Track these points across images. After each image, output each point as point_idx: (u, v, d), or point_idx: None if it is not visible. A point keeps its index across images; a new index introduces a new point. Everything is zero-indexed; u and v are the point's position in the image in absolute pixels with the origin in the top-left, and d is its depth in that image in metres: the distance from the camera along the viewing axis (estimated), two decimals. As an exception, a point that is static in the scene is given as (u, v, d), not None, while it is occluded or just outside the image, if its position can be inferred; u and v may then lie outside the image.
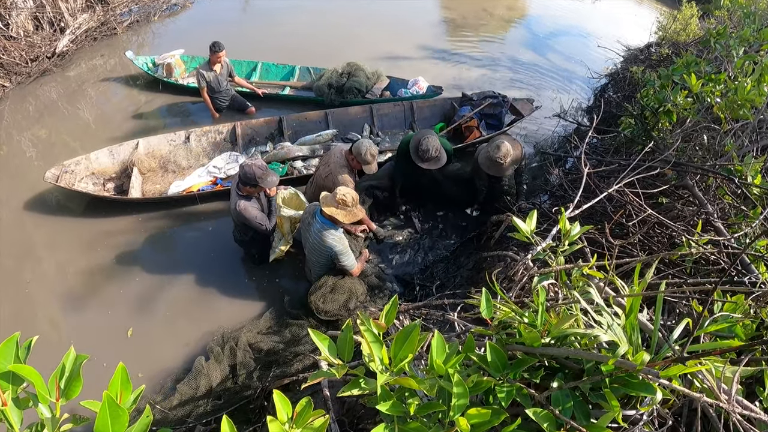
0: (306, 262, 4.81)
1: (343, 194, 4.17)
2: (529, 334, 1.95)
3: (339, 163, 5.03)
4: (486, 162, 5.20)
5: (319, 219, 4.28)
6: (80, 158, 6.19)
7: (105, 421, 1.29)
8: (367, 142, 4.98)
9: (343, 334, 1.96)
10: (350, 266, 4.42)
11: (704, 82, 4.58)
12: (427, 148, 5.13)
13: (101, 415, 1.29)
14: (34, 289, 5.10)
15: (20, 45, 8.90)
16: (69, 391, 1.46)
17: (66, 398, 1.45)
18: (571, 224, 2.77)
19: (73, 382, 1.47)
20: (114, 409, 1.30)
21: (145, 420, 1.45)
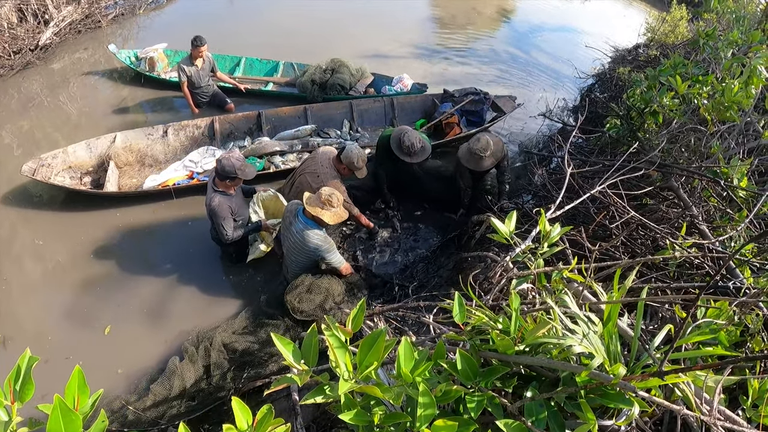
0: (284, 260, 4.71)
1: (328, 195, 4.10)
2: (502, 342, 1.86)
3: (329, 174, 4.89)
4: (466, 155, 5.15)
5: (302, 219, 4.19)
6: (57, 152, 6.07)
7: (57, 426, 1.26)
8: (356, 149, 4.88)
9: (308, 339, 1.86)
10: (338, 263, 4.35)
11: (691, 83, 4.53)
12: (411, 142, 5.10)
13: (53, 418, 1.26)
14: (9, 286, 4.99)
15: (3, 37, 8.76)
16: (23, 394, 1.45)
17: (21, 401, 1.44)
18: (552, 225, 2.69)
19: (26, 385, 1.45)
20: (66, 413, 1.27)
21: (100, 425, 1.43)
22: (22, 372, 1.45)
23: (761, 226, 3.44)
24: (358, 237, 5.58)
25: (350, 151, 4.85)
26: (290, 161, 6.65)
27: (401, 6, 13.07)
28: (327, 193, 4.10)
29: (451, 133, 7.10)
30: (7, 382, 1.43)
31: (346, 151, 4.85)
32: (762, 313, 2.39)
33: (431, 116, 7.62)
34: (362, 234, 5.60)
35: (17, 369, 1.45)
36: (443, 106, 7.53)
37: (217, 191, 4.52)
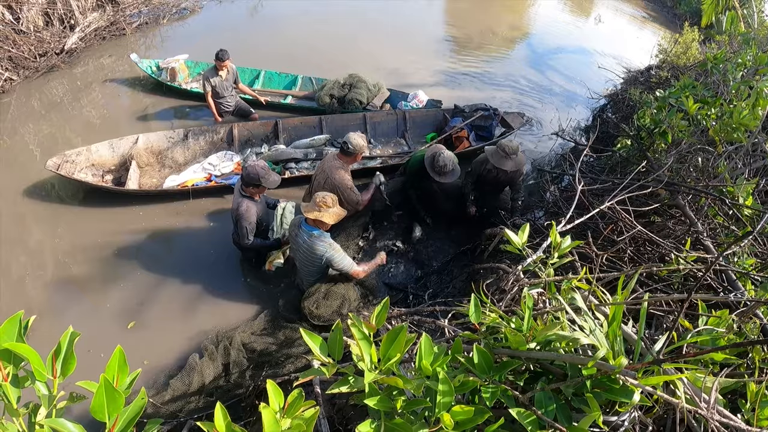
0: (297, 273, 4.86)
1: (322, 197, 4.24)
2: (514, 338, 2.01)
3: (334, 165, 5.11)
4: (492, 151, 5.37)
5: (305, 228, 4.32)
6: (81, 149, 6.36)
7: (101, 402, 1.35)
8: (352, 133, 5.10)
9: (333, 335, 2.01)
10: (348, 267, 4.39)
11: (700, 105, 4.67)
12: (444, 163, 5.28)
13: (98, 396, 1.35)
14: (33, 280, 5.15)
15: (30, 40, 9.05)
16: (65, 369, 1.50)
17: (63, 376, 1.50)
18: (563, 238, 2.84)
19: (68, 360, 1.51)
20: (110, 391, 1.36)
21: (139, 402, 1.49)
22: (64, 348, 1.52)
23: (764, 243, 3.56)
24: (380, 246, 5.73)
25: (348, 137, 5.06)
26: (304, 168, 6.88)
27: (418, 26, 13.36)
28: (321, 197, 4.24)
29: (461, 147, 7.28)
30: (50, 357, 1.49)
31: (347, 140, 5.05)
32: (760, 323, 2.52)
33: (442, 130, 7.81)
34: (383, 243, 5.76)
35: (59, 346, 1.51)
36: (453, 121, 7.73)
37: (245, 196, 4.73)
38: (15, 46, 8.71)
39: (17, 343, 1.40)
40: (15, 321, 1.46)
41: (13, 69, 8.46)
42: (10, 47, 8.63)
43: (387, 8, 14.67)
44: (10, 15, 9.13)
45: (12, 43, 8.73)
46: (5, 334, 1.44)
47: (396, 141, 7.93)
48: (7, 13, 9.09)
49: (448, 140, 7.45)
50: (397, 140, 7.95)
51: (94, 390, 1.41)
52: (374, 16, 13.55)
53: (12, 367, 1.45)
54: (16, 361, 1.47)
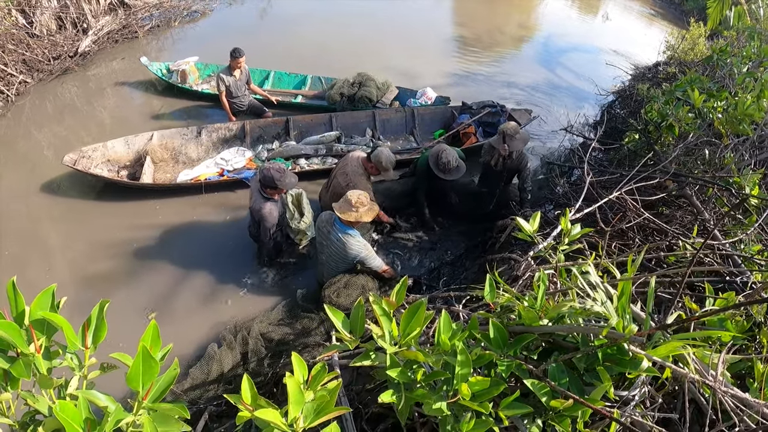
0: (318, 266, 4.93)
1: (357, 197, 4.30)
2: (528, 314, 2.10)
3: (357, 172, 5.23)
4: (498, 140, 5.49)
5: (339, 227, 4.39)
6: (97, 145, 6.53)
7: (137, 371, 1.43)
8: (386, 151, 5.21)
9: (355, 311, 2.11)
10: (378, 267, 4.53)
11: (706, 98, 4.74)
12: (447, 160, 5.37)
13: (135, 363, 1.43)
14: (52, 275, 5.27)
15: (43, 43, 9.20)
16: (96, 337, 1.60)
17: (94, 344, 1.59)
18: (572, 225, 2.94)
19: (100, 328, 1.61)
20: (147, 359, 1.45)
21: (172, 372, 1.58)
22: (94, 320, 1.60)
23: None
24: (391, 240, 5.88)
25: (380, 152, 5.17)
26: (315, 164, 7.03)
27: (426, 25, 13.43)
28: (356, 196, 4.30)
29: (468, 143, 7.39)
30: (81, 328, 1.57)
31: (376, 152, 5.17)
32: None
33: (450, 127, 7.91)
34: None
35: (90, 318, 1.60)
36: (461, 117, 7.84)
37: (266, 197, 4.84)
38: (29, 50, 8.86)
39: (52, 313, 1.48)
40: (48, 293, 1.55)
41: (27, 72, 8.61)
42: (24, 50, 8.78)
43: (395, 8, 14.78)
44: (23, 19, 9.28)
45: (26, 46, 8.88)
46: (39, 306, 1.52)
47: (405, 137, 8.04)
48: (20, 17, 9.24)
49: (455, 136, 7.56)
50: (405, 137, 8.06)
51: (127, 362, 1.52)
52: (382, 15, 13.66)
53: (45, 338, 1.52)
54: (48, 332, 1.54)
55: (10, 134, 7.42)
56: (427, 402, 1.87)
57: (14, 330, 1.42)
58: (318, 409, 1.68)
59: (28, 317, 1.49)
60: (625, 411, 2.03)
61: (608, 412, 1.86)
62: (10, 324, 1.42)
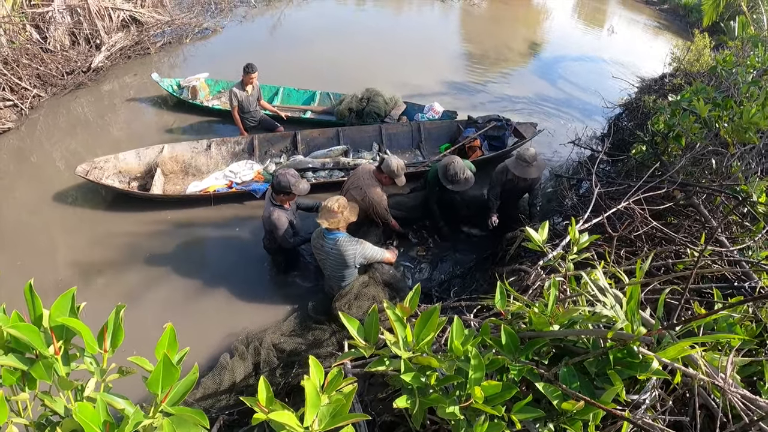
0: (326, 281, 4.98)
1: (336, 202, 4.40)
2: (538, 320, 2.14)
3: (370, 184, 5.30)
4: (514, 162, 5.50)
5: (327, 236, 4.48)
6: (109, 157, 6.68)
7: (158, 375, 1.48)
8: (395, 159, 5.30)
9: (369, 319, 2.15)
10: (380, 255, 4.60)
11: (712, 107, 4.79)
12: (455, 171, 5.42)
13: (156, 369, 1.48)
14: (65, 284, 5.29)
15: (57, 58, 9.39)
16: (114, 341, 1.63)
17: (113, 348, 1.62)
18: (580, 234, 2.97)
19: (117, 332, 1.64)
20: (168, 365, 1.49)
21: (191, 377, 1.61)
22: (112, 325, 1.63)
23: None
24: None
25: (389, 160, 5.25)
26: (321, 177, 7.12)
27: (434, 42, 13.64)
28: (335, 203, 4.39)
29: (473, 156, 7.43)
30: (100, 331, 1.60)
31: (385, 162, 5.25)
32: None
33: (455, 141, 7.97)
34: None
35: (107, 322, 1.62)
36: (467, 132, 7.90)
37: (276, 205, 4.91)
38: (43, 64, 9.04)
39: (71, 318, 1.51)
40: (68, 297, 1.58)
41: (41, 86, 8.77)
42: (39, 65, 8.96)
43: (402, 25, 15.02)
44: (37, 34, 9.49)
45: (40, 61, 9.06)
46: (58, 310, 1.55)
47: (411, 152, 8.12)
48: (34, 32, 9.45)
49: (461, 150, 7.61)
50: (412, 151, 8.14)
51: (144, 366, 1.57)
52: (389, 32, 13.86)
53: (63, 341, 1.56)
54: (67, 336, 1.57)
55: (24, 146, 7.56)
56: (441, 406, 1.91)
57: (34, 332, 1.46)
58: (334, 413, 1.71)
59: (47, 321, 1.53)
60: (636, 414, 2.06)
61: (620, 413, 1.89)
62: (29, 326, 1.45)
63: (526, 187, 5.77)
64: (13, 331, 1.43)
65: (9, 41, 8.74)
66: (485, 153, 7.63)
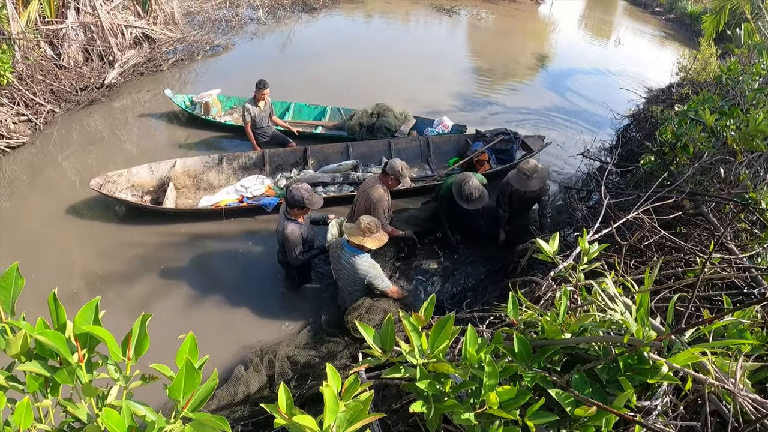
0: (339, 293, 5.05)
1: (367, 223, 4.45)
2: (550, 327, 2.19)
3: (373, 185, 5.38)
4: (514, 176, 5.57)
5: (347, 249, 4.56)
6: (122, 171, 6.80)
7: (180, 381, 1.52)
8: (398, 160, 5.38)
9: (385, 327, 2.21)
10: (386, 287, 4.63)
11: (718, 116, 4.82)
12: (470, 191, 5.49)
13: (179, 375, 1.52)
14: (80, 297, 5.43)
15: (71, 74, 9.59)
16: (139, 350, 1.66)
17: (137, 356, 1.65)
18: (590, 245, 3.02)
19: (142, 341, 1.66)
20: (190, 371, 1.54)
21: (211, 383, 1.65)
22: (136, 333, 1.64)
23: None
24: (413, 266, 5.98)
25: (392, 162, 5.34)
26: (332, 192, 7.18)
27: (442, 57, 13.81)
28: (366, 222, 4.44)
29: (482, 170, 7.46)
30: (124, 340, 1.62)
31: (390, 163, 5.34)
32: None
33: (464, 154, 8.03)
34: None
35: (131, 331, 1.63)
36: (475, 145, 7.96)
37: (290, 219, 4.96)
38: (57, 80, 9.22)
39: (96, 327, 1.55)
40: (92, 307, 1.62)
41: (55, 102, 8.94)
42: (53, 81, 9.13)
43: (410, 39, 15.18)
44: (51, 51, 9.67)
45: (54, 77, 9.23)
46: (82, 319, 1.60)
47: (420, 166, 8.20)
48: (48, 48, 9.62)
49: (469, 164, 7.67)
50: (421, 165, 8.22)
51: (167, 373, 1.61)
52: (398, 47, 14.01)
53: (87, 349, 1.60)
54: (91, 344, 1.61)
55: (38, 161, 7.68)
56: (457, 412, 1.96)
57: (60, 339, 1.50)
58: (351, 418, 1.76)
59: (71, 329, 1.57)
60: (648, 420, 2.09)
61: (632, 417, 1.93)
62: (56, 333, 1.50)
63: (535, 197, 5.82)
64: (40, 338, 1.47)
65: (24, 57, 8.89)
66: (493, 166, 7.68)
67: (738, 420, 2.06)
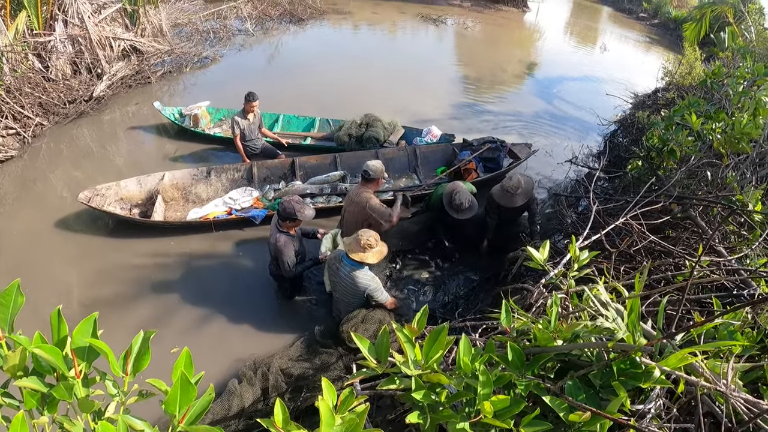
0: (334, 303, 5.06)
1: (367, 238, 4.48)
2: (543, 335, 2.20)
3: (360, 192, 5.45)
4: (499, 192, 5.61)
5: (347, 263, 4.57)
6: (111, 184, 6.75)
7: (175, 396, 1.51)
8: (371, 162, 5.48)
9: (380, 339, 2.21)
10: (385, 300, 4.70)
11: (704, 120, 4.89)
12: (461, 201, 5.53)
13: (174, 389, 1.51)
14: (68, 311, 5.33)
15: (59, 87, 9.52)
16: (138, 365, 1.65)
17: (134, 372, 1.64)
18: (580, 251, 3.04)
19: (143, 356, 1.66)
20: (186, 385, 1.52)
21: (207, 398, 1.65)
22: (135, 348, 1.64)
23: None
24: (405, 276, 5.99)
25: (372, 165, 5.42)
26: (320, 203, 7.17)
27: (430, 66, 13.88)
28: (365, 238, 4.48)
29: (469, 178, 7.47)
30: (123, 355, 1.62)
31: (371, 168, 5.41)
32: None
33: (451, 163, 8.06)
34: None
35: (131, 346, 1.64)
36: (462, 154, 7.97)
37: (282, 232, 4.98)
38: (45, 93, 9.15)
39: (97, 340, 1.55)
40: (90, 321, 1.61)
41: (43, 114, 8.87)
42: (41, 93, 9.07)
43: (397, 48, 15.26)
44: (39, 63, 9.61)
45: (42, 89, 9.17)
46: (81, 334, 1.58)
47: (408, 175, 8.20)
48: (36, 61, 9.57)
49: (457, 173, 7.68)
50: (408, 174, 8.22)
51: (162, 388, 1.61)
52: (387, 57, 14.07)
53: (85, 364, 1.58)
54: (89, 358, 1.60)
55: (26, 174, 7.62)
56: (452, 422, 1.96)
57: (57, 354, 1.48)
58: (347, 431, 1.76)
59: (70, 344, 1.56)
60: (642, 424, 2.10)
61: (626, 422, 1.94)
62: (53, 348, 1.48)
63: (524, 207, 5.85)
64: (39, 352, 1.47)
65: (11, 70, 8.84)
66: (480, 175, 7.72)
67: (731, 420, 2.07)
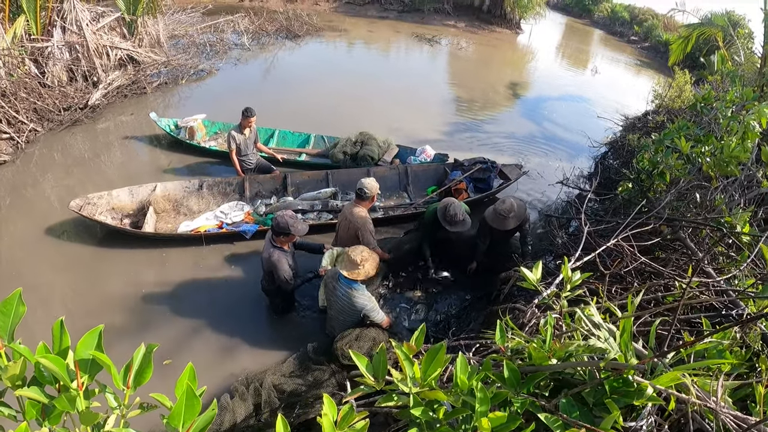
0: (328, 321, 5.09)
1: (359, 254, 4.52)
2: (538, 354, 2.25)
3: (354, 210, 5.50)
4: (491, 215, 5.65)
5: (343, 282, 4.62)
6: (103, 193, 6.77)
7: (179, 410, 1.52)
8: (363, 180, 5.55)
9: (378, 356, 2.25)
10: (381, 319, 4.74)
11: (693, 144, 4.99)
12: (455, 212, 5.58)
13: (179, 403, 1.52)
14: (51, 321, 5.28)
15: (54, 93, 9.57)
16: (140, 379, 1.65)
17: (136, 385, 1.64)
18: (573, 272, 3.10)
19: (145, 369, 1.67)
20: (191, 398, 1.54)
21: (210, 413, 1.64)
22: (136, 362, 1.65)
23: (764, 266, 3.78)
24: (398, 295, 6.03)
25: (367, 183, 5.50)
26: (311, 219, 7.20)
27: (424, 86, 14.04)
28: (358, 255, 4.52)
29: (460, 198, 7.47)
30: (124, 369, 1.62)
31: (365, 185, 5.48)
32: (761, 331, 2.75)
33: (442, 183, 8.13)
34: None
35: (132, 359, 1.64)
36: (453, 174, 8.06)
37: (276, 247, 5.00)
38: (40, 99, 9.18)
39: (100, 353, 1.56)
40: (94, 334, 1.64)
41: (37, 120, 8.90)
42: (36, 99, 9.09)
43: (392, 67, 15.41)
44: (36, 69, 9.65)
45: (38, 95, 9.21)
46: (85, 346, 1.61)
47: (399, 194, 8.25)
48: (33, 66, 9.61)
49: (447, 192, 7.74)
50: (399, 193, 8.27)
51: (164, 402, 1.62)
52: (382, 75, 14.24)
53: (87, 377, 1.60)
54: (92, 371, 1.61)
55: (18, 180, 7.61)
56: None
57: (61, 365, 1.50)
58: (348, 447, 1.79)
59: (73, 356, 1.58)
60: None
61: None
62: (58, 359, 1.50)
63: (516, 228, 5.90)
64: (43, 361, 1.48)
65: (8, 74, 8.88)
66: (471, 195, 7.80)
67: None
